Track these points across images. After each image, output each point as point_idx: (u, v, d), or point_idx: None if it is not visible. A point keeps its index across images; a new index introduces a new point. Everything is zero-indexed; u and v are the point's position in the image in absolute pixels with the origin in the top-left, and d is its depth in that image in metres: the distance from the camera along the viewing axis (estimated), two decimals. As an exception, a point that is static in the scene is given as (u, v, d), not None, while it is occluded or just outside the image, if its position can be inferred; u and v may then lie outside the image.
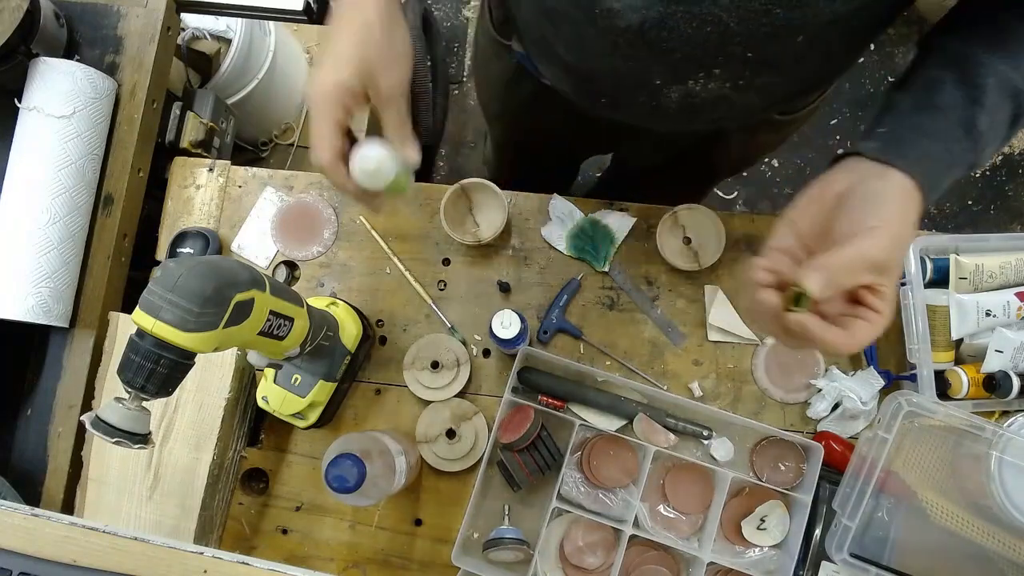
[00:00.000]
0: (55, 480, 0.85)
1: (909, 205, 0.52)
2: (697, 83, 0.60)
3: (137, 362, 0.53)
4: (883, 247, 0.50)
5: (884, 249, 0.50)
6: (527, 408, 0.81)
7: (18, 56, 0.83)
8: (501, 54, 0.82)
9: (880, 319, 0.51)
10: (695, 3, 0.52)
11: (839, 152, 0.56)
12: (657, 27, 0.54)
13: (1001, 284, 0.83)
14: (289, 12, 0.96)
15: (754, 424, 0.82)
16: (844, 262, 0.50)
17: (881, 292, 0.51)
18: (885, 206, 0.51)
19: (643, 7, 0.53)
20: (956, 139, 0.53)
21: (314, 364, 0.79)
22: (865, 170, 0.53)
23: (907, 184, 0.52)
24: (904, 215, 0.51)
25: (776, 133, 0.87)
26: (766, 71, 0.59)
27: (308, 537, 0.86)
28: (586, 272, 0.90)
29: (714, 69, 0.58)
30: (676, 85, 0.61)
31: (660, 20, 0.53)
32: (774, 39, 0.54)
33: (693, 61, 0.58)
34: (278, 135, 1.45)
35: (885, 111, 0.56)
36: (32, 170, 0.83)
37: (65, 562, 0.54)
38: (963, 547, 0.75)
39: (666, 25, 0.54)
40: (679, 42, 0.55)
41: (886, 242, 0.50)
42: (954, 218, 1.82)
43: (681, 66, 0.59)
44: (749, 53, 0.56)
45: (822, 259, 0.50)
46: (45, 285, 0.82)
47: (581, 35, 0.60)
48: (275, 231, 0.93)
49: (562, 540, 0.82)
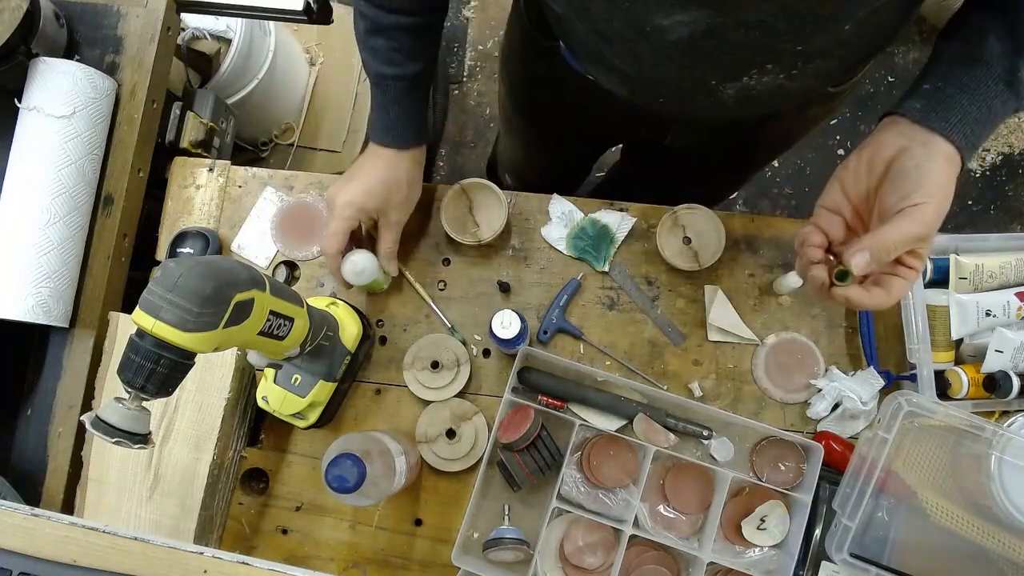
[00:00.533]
0: (55, 480, 0.85)
1: (951, 172, 0.56)
2: (751, 79, 0.62)
3: (137, 362, 0.53)
4: (928, 222, 0.55)
5: (928, 224, 0.55)
6: (527, 408, 0.81)
7: (18, 56, 0.83)
8: (543, 53, 0.82)
9: (914, 274, 0.58)
10: (740, 10, 0.52)
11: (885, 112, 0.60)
12: (706, 37, 0.56)
13: (1001, 284, 0.83)
14: (289, 12, 0.96)
15: (754, 424, 0.82)
16: (889, 242, 0.55)
17: (919, 253, 0.57)
18: (930, 179, 0.55)
19: (691, 22, 0.54)
20: (997, 94, 0.56)
21: (314, 364, 0.79)
22: (911, 135, 0.57)
23: (949, 151, 0.55)
24: (947, 185, 0.56)
25: (826, 105, 0.86)
26: (817, 58, 0.60)
27: (308, 537, 0.86)
28: (586, 272, 0.90)
29: (767, 65, 0.60)
30: (731, 83, 0.63)
31: (708, 31, 0.55)
32: (822, 32, 0.55)
33: (745, 61, 0.59)
34: (278, 135, 1.45)
35: (932, 63, 0.59)
36: (32, 170, 0.83)
37: (65, 562, 0.54)
38: (963, 547, 0.75)
39: (715, 35, 0.55)
40: (730, 47, 0.57)
41: (931, 216, 0.55)
42: (954, 218, 1.82)
43: (734, 67, 0.61)
44: (799, 47, 0.57)
45: (867, 239, 0.56)
46: (45, 285, 0.82)
47: (636, 51, 0.62)
48: (275, 231, 0.93)
49: (562, 540, 0.82)
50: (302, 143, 1.46)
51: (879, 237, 0.56)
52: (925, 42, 1.91)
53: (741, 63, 0.60)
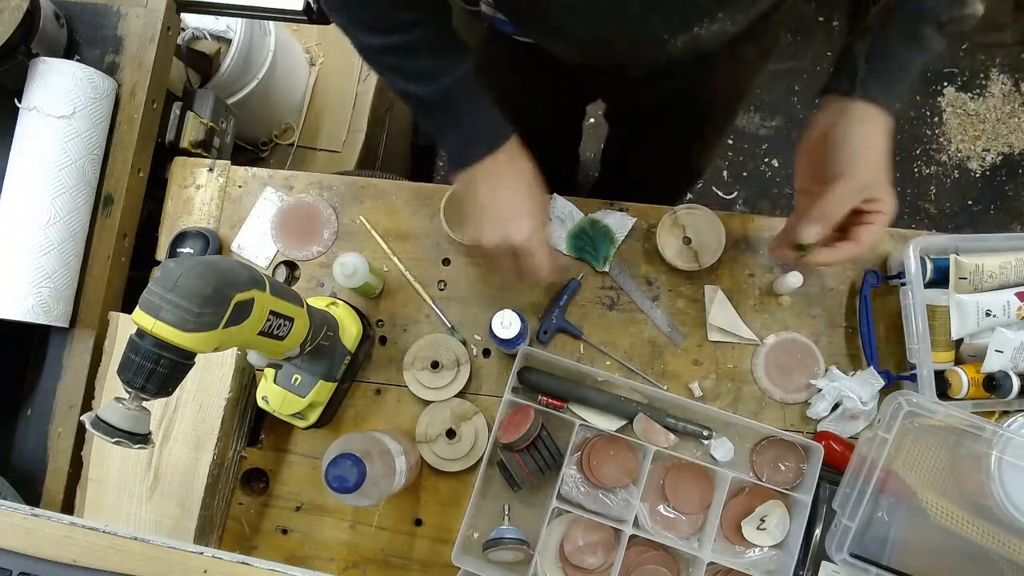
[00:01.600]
0: (55, 480, 0.85)
1: (878, 128, 0.64)
2: (702, 28, 0.63)
3: (137, 362, 0.53)
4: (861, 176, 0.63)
5: (862, 177, 0.63)
6: (527, 408, 0.81)
7: (18, 56, 0.83)
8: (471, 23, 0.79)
9: (882, 217, 0.65)
10: None
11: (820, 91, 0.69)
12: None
13: (1001, 284, 0.83)
14: (289, 12, 0.96)
15: (754, 424, 0.82)
16: (827, 206, 0.64)
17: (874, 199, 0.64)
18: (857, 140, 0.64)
19: None
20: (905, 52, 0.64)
21: (314, 364, 0.79)
22: (836, 107, 0.65)
23: (870, 111, 0.64)
24: (872, 141, 0.64)
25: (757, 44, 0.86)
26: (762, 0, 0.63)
27: (308, 537, 0.86)
28: (586, 272, 0.90)
29: (718, 13, 0.62)
30: (683, 34, 0.64)
31: None
32: None
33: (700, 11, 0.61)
34: (278, 135, 1.45)
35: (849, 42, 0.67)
36: (32, 170, 0.83)
37: (65, 562, 0.54)
38: (963, 547, 0.75)
39: None
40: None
41: (863, 171, 0.63)
42: (954, 218, 1.82)
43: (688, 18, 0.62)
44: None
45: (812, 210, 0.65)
46: (45, 285, 0.82)
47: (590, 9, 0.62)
48: (275, 231, 0.93)
49: (562, 540, 0.82)
50: (302, 143, 1.45)
51: (820, 205, 0.64)
52: (925, 42, 1.91)
53: (696, 14, 0.61)
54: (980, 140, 1.85)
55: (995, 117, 1.86)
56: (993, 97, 1.87)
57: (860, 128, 0.64)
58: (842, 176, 0.63)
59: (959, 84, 1.89)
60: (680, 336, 0.88)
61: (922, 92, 1.89)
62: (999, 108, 1.86)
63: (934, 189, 1.84)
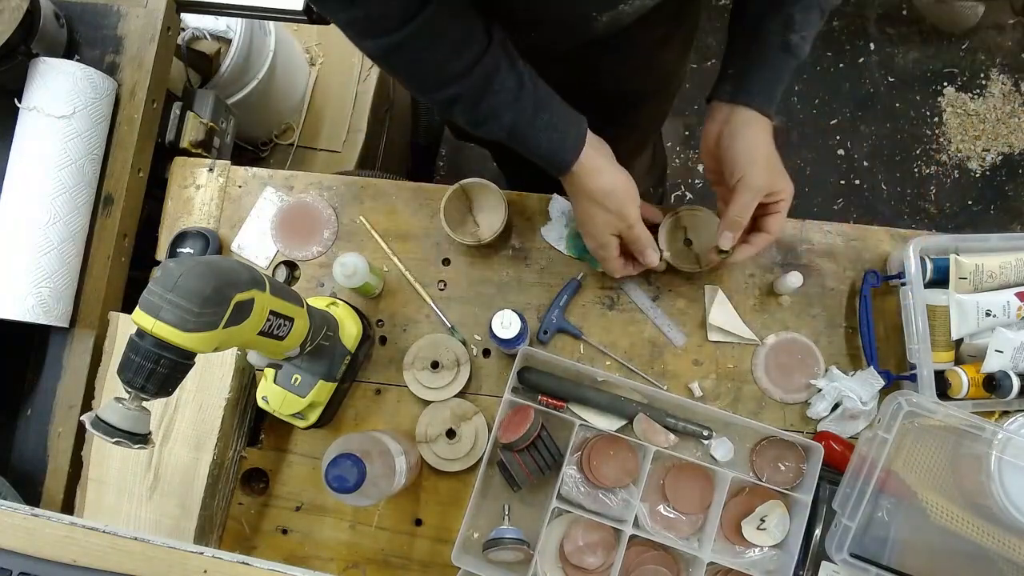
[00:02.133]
0: (55, 480, 0.85)
1: (763, 131, 0.71)
2: (627, 4, 0.67)
3: (137, 362, 0.53)
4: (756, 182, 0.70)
5: (757, 181, 0.70)
6: (527, 408, 0.81)
7: (18, 56, 0.83)
8: None
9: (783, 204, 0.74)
10: None
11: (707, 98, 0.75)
12: None
13: (1001, 284, 0.83)
14: (289, 12, 0.96)
15: (754, 424, 0.82)
16: (733, 216, 0.72)
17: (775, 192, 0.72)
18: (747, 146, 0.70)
19: None
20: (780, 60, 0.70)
21: (314, 364, 0.79)
22: (723, 115, 0.72)
23: (752, 116, 0.71)
24: (762, 143, 0.71)
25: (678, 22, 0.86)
26: None
27: (308, 537, 0.86)
28: (586, 272, 0.90)
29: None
30: (608, 11, 0.67)
31: None
32: None
33: None
34: (278, 135, 1.45)
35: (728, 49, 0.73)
36: (32, 170, 0.83)
37: (65, 562, 0.54)
38: (963, 547, 0.75)
39: None
40: None
41: (756, 177, 0.70)
42: (954, 218, 1.82)
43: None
44: None
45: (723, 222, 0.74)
46: (45, 285, 0.82)
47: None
48: (275, 231, 0.93)
49: (562, 540, 0.82)
50: (302, 143, 1.45)
51: (727, 216, 0.73)
52: (925, 42, 1.91)
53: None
54: (980, 140, 1.85)
55: (995, 117, 1.86)
56: (993, 97, 1.87)
57: (745, 131, 0.71)
58: (741, 183, 0.70)
59: (959, 84, 1.88)
60: (680, 336, 0.88)
61: (922, 92, 1.89)
62: (999, 108, 1.86)
63: (934, 189, 1.84)
